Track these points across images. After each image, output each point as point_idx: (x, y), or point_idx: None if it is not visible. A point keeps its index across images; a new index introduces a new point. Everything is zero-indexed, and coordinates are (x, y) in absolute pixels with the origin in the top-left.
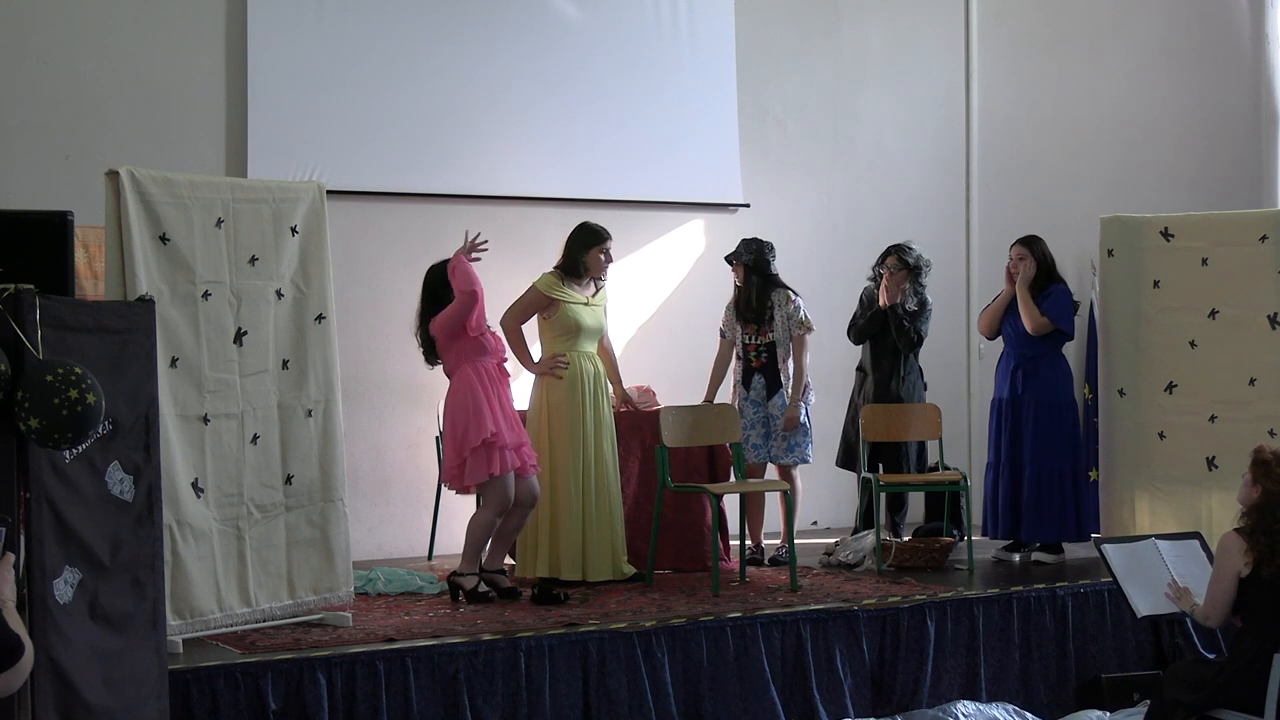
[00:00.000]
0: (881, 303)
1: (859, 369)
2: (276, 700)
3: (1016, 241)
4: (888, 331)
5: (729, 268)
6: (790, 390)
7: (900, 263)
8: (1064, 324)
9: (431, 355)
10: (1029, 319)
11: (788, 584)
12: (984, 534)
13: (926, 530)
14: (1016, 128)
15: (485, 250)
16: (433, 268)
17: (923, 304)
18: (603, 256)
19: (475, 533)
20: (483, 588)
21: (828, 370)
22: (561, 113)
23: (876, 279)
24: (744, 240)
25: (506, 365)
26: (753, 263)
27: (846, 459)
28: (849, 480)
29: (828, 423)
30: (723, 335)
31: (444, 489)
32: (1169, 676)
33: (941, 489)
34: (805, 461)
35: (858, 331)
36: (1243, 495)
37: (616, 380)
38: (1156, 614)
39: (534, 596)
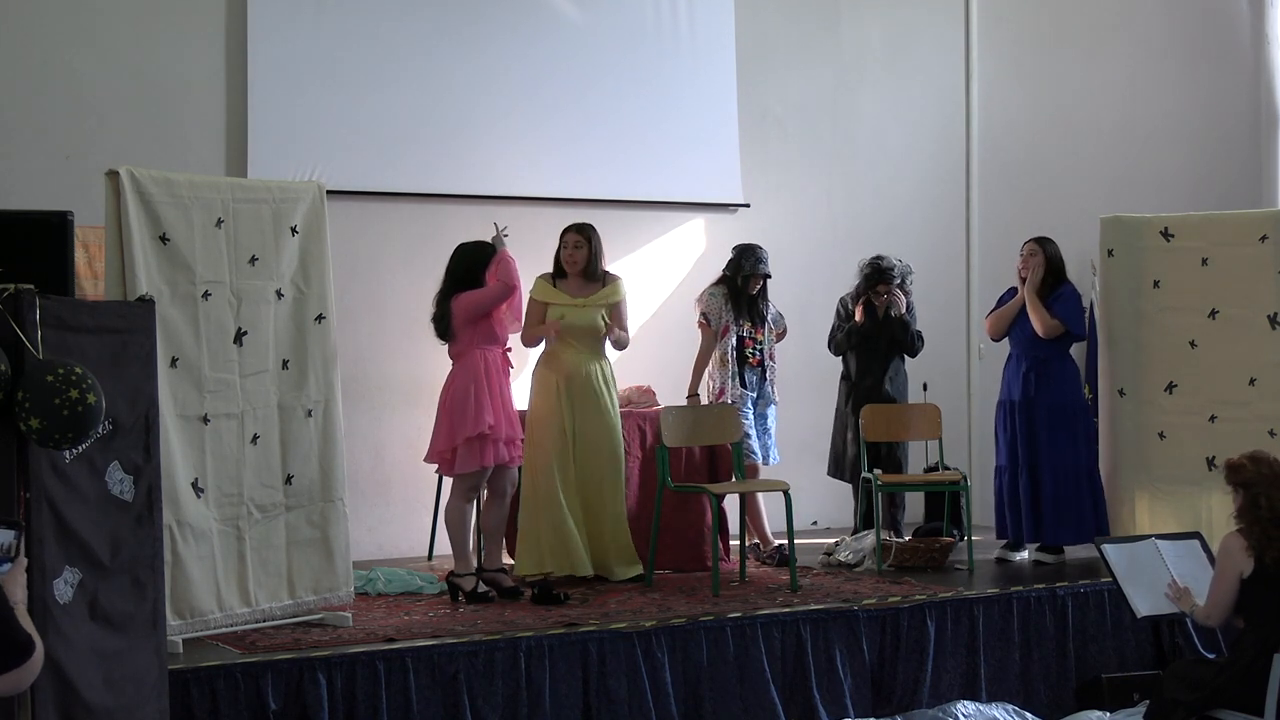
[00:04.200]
0: (893, 313)
1: (844, 378)
2: (276, 700)
3: (1030, 240)
4: (874, 340)
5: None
6: (773, 390)
7: (891, 276)
8: (1074, 326)
9: (445, 331)
10: (1039, 323)
11: (788, 584)
12: (997, 536)
13: (926, 530)
14: (1016, 128)
15: (507, 236)
16: (462, 246)
17: (909, 308)
18: (562, 249)
19: (454, 524)
20: (482, 588)
21: (825, 373)
22: (562, 113)
23: (858, 297)
24: (750, 248)
25: (510, 355)
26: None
27: (836, 468)
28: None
29: (822, 427)
30: (708, 323)
31: (443, 488)
32: (1169, 676)
33: (941, 489)
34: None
35: (837, 345)
36: (1234, 507)
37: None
38: (1156, 614)
39: (534, 596)
